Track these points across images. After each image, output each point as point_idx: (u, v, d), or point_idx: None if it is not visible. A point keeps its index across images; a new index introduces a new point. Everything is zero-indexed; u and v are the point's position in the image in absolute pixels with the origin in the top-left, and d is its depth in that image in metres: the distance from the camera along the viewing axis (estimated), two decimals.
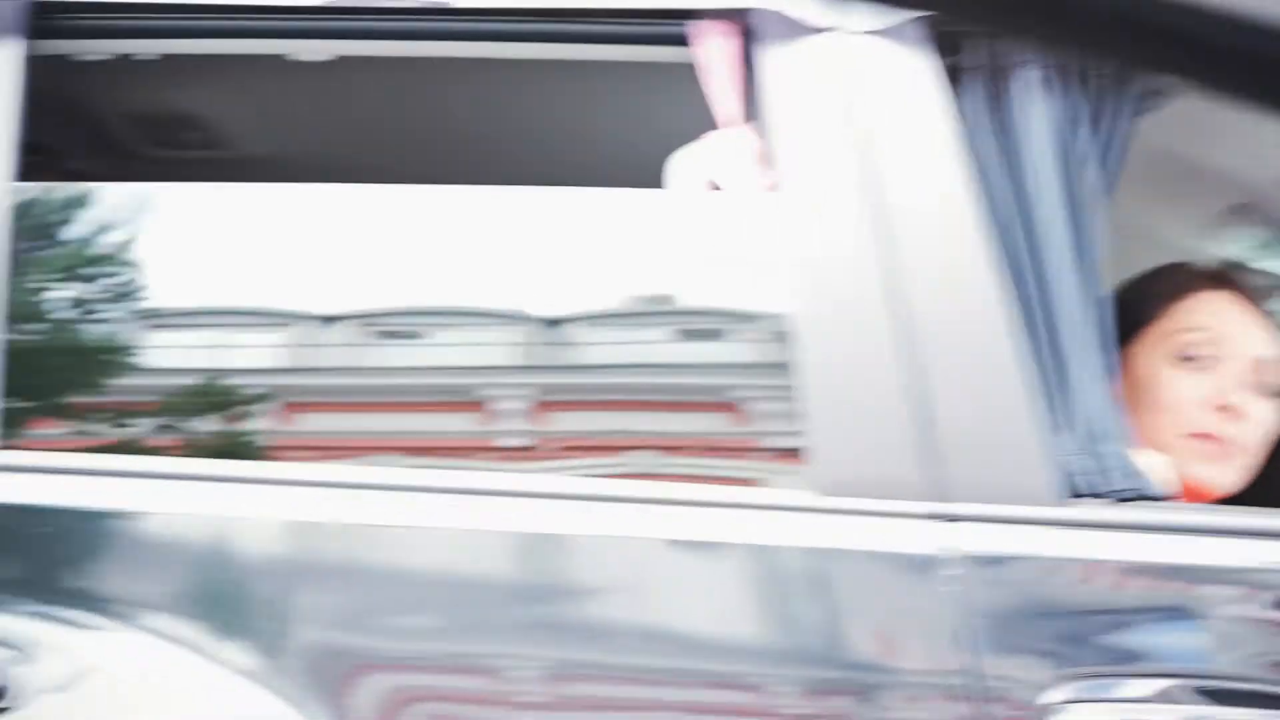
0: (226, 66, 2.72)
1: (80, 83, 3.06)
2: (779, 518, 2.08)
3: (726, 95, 2.32)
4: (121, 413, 2.21)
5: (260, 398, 2.22)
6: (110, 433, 2.18)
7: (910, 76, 2.25)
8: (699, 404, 2.21)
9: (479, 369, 2.25)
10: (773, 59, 2.28)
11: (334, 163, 3.56)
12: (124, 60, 2.55)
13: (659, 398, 2.20)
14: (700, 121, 2.37)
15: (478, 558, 2.05)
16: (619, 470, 2.14)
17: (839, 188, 2.20)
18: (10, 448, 2.13)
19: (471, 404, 2.18)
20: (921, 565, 2.01)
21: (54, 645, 2.02)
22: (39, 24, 2.36)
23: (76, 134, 3.29)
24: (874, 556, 2.05)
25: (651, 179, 3.46)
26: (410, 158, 3.55)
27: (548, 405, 2.19)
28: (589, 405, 2.20)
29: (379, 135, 3.44)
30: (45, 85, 2.36)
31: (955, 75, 2.29)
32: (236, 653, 1.97)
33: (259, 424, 2.18)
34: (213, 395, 2.21)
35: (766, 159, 2.26)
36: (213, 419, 2.16)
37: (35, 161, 2.60)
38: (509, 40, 2.44)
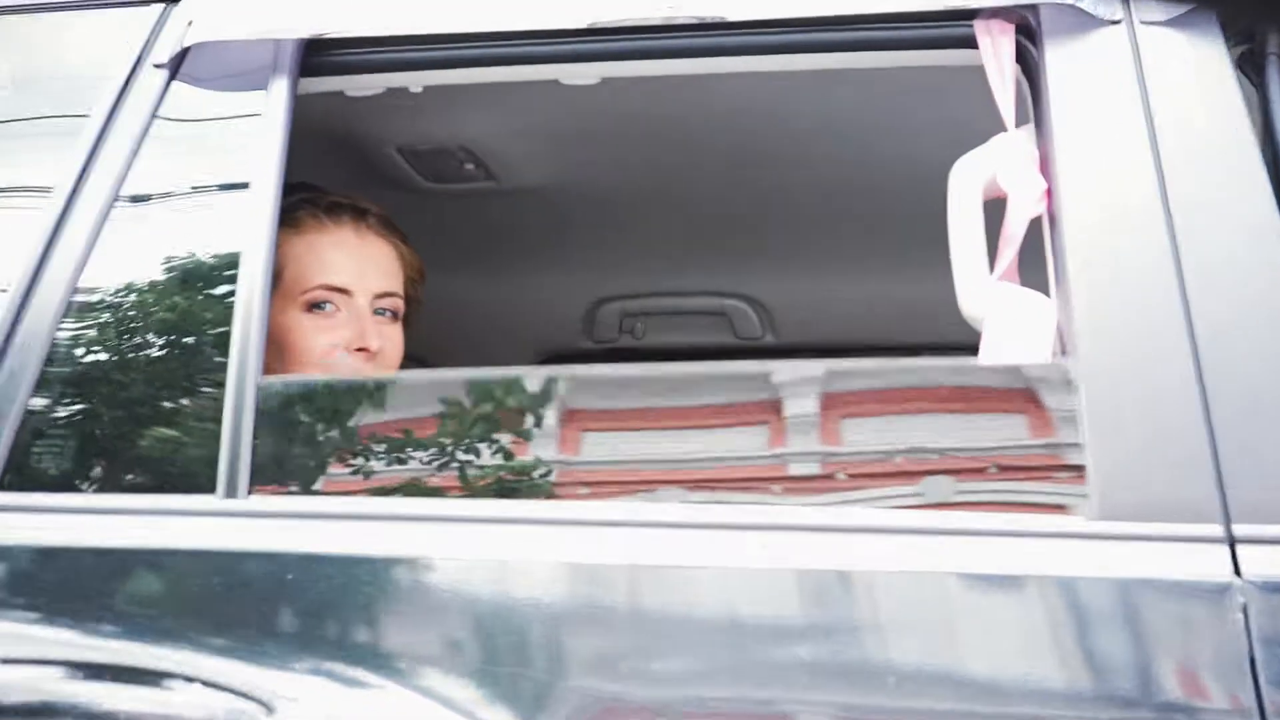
0: (494, 95, 2.78)
1: (351, 117, 3.17)
2: (1060, 545, 2.05)
3: (1010, 96, 2.30)
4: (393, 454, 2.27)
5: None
6: (382, 474, 2.24)
7: (1202, 68, 2.21)
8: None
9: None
10: (1060, 55, 2.25)
11: (607, 189, 3.62)
12: (393, 93, 2.63)
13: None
14: (982, 125, 2.35)
15: (764, 596, 2.05)
16: (906, 498, 2.13)
17: (1131, 189, 2.16)
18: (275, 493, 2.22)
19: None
20: (1213, 593, 1.96)
21: (305, 699, 2.07)
22: (311, 62, 2.45)
23: (350, 168, 3.40)
24: (1162, 584, 2.00)
25: (935, 187, 3.46)
26: (685, 177, 3.59)
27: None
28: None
29: (652, 156, 3.48)
30: (316, 121, 2.46)
31: (1247, 64, 2.24)
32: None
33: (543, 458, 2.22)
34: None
35: (1051, 162, 2.23)
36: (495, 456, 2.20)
37: (304, 198, 2.71)
38: (784, 52, 2.45)
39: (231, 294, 2.30)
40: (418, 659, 2.07)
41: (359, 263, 2.76)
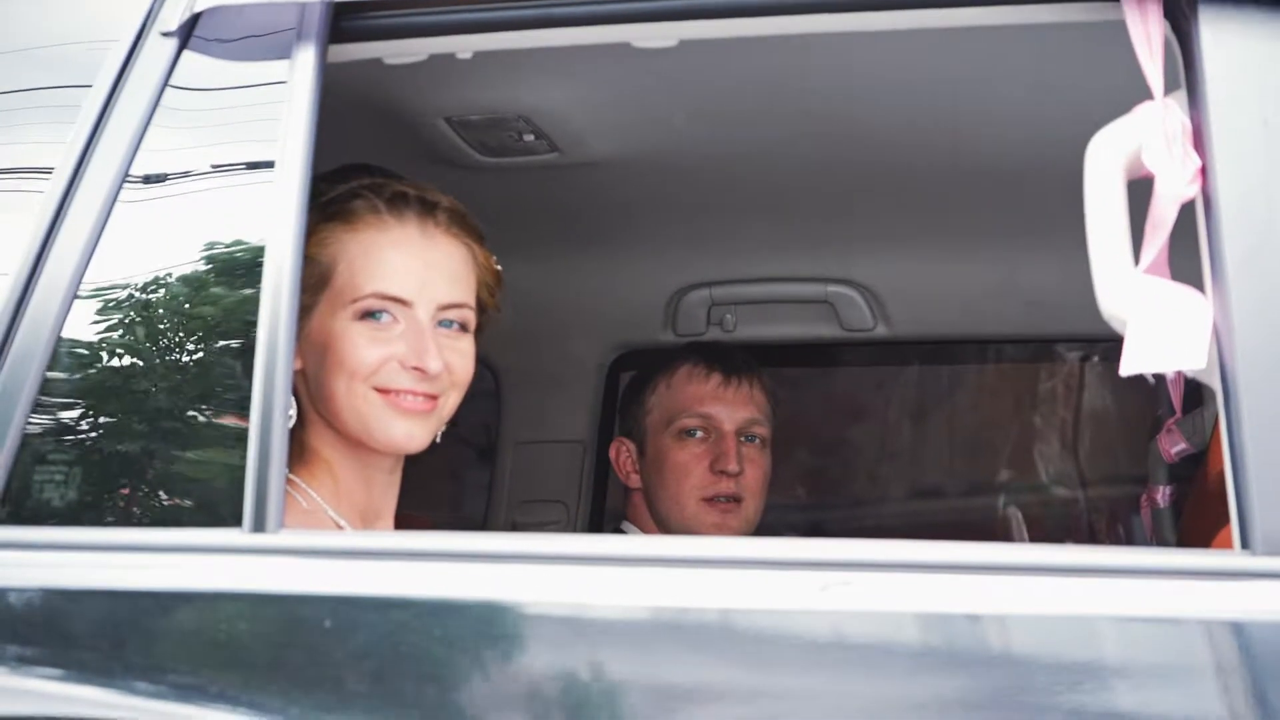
0: (556, 59, 2.75)
1: (391, 86, 3.15)
2: (1219, 585, 2.03)
3: (1158, 58, 2.25)
4: None
5: None
6: None
7: None
8: None
9: None
10: (1218, 10, 2.20)
11: (688, 162, 3.59)
12: (439, 60, 2.60)
13: None
14: (1124, 92, 2.31)
15: None
16: None
17: None
18: None
19: None
20: None
21: None
22: (342, 26, 2.43)
23: (390, 142, 3.38)
24: None
25: (1067, 161, 3.42)
26: (778, 149, 3.55)
27: None
28: None
29: (739, 126, 3.44)
30: (350, 91, 2.43)
31: None
32: None
33: None
34: None
35: (1206, 136, 2.18)
36: None
37: (363, 186, 2.68)
38: (891, 8, 2.41)
39: (255, 297, 2.29)
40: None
41: (423, 269, 2.69)
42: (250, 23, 2.45)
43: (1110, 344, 4.54)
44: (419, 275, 2.66)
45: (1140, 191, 2.27)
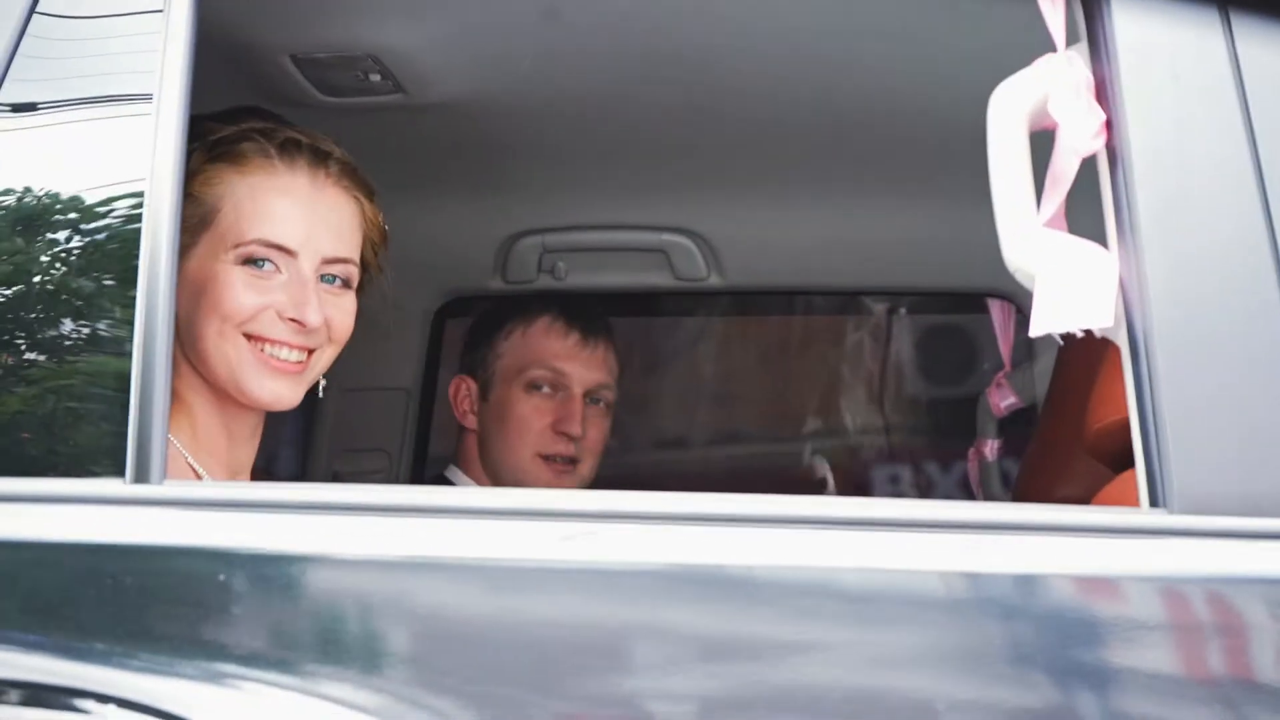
0: None
1: (239, 20, 3.07)
2: (1136, 543, 2.06)
3: (1059, 12, 2.26)
4: None
5: None
6: None
7: None
8: None
9: None
10: None
11: (530, 105, 3.55)
12: None
13: None
14: (984, 41, 2.31)
15: None
16: None
17: (1213, 120, 2.13)
18: None
19: None
20: None
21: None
22: None
23: (227, 77, 3.29)
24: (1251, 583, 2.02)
25: (911, 113, 3.43)
26: (619, 92, 3.52)
27: None
28: None
29: (582, 67, 3.41)
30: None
31: None
32: None
33: None
34: None
35: (1114, 88, 2.19)
36: None
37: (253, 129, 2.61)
38: None
39: (135, 237, 2.21)
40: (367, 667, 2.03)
41: (310, 219, 2.64)
42: None
43: (941, 297, 4.61)
44: (306, 225, 2.61)
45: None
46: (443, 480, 3.88)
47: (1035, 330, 2.17)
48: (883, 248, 4.07)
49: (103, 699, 2.01)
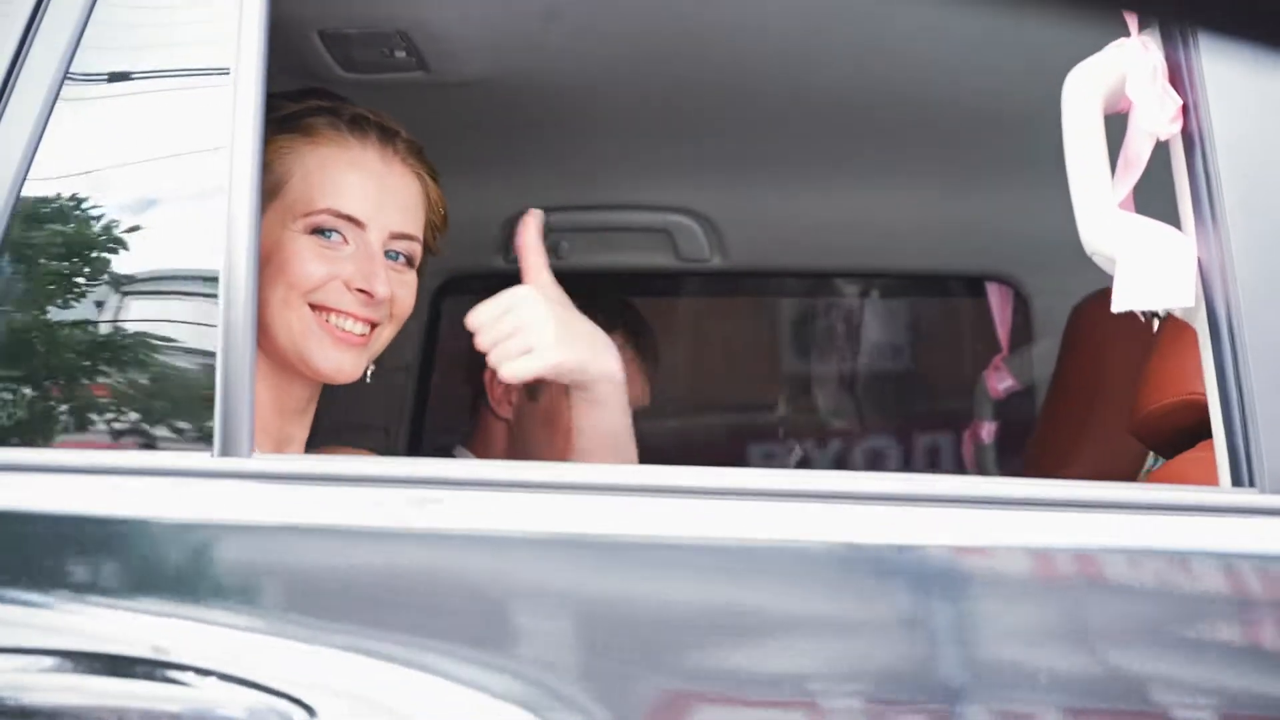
0: None
1: None
2: (1226, 522, 2.10)
3: None
4: None
5: None
6: None
7: None
8: None
9: None
10: None
11: (541, 85, 3.55)
12: None
13: None
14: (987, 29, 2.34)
15: None
16: None
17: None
18: None
19: None
20: None
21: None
22: None
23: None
24: None
25: (919, 94, 3.46)
26: (626, 72, 3.53)
27: None
28: None
29: (591, 48, 3.42)
30: None
31: None
32: None
33: None
34: None
35: (1194, 73, 2.22)
36: None
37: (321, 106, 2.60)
38: None
39: (216, 209, 2.21)
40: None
41: (379, 193, 2.66)
42: None
43: (945, 279, 4.64)
44: (375, 198, 2.63)
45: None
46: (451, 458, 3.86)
47: (1116, 307, 2.20)
48: (885, 231, 4.10)
49: (202, 672, 2.01)
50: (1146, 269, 2.20)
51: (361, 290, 2.58)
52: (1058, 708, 2.01)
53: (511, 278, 3.96)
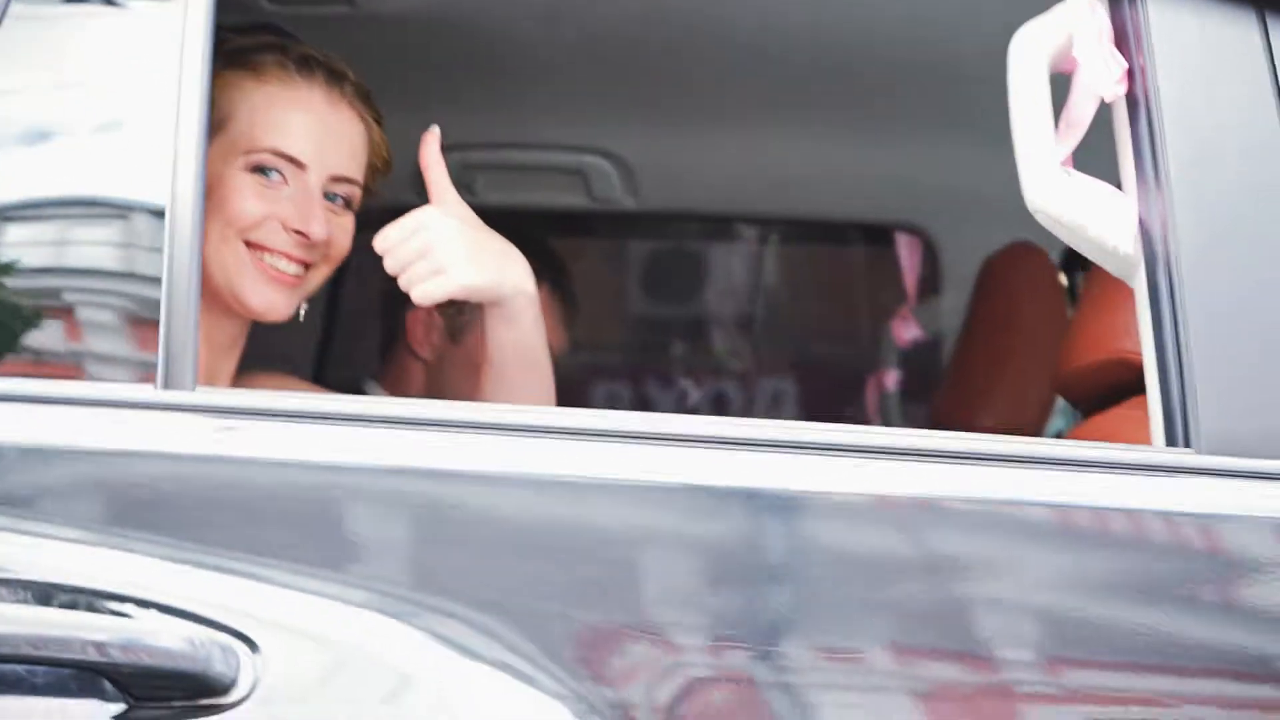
0: None
1: None
2: (1161, 481, 2.12)
3: None
4: None
5: None
6: None
7: None
8: None
9: None
10: None
11: (457, 17, 3.55)
12: None
13: None
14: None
15: None
16: None
17: (1232, 78, 2.20)
18: None
19: None
20: None
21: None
22: None
23: None
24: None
25: (836, 37, 3.48)
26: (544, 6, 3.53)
27: None
28: None
29: None
30: None
31: None
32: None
33: None
34: None
35: (1128, 40, 2.25)
36: None
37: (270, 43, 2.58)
38: None
39: (162, 139, 2.19)
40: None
41: (323, 134, 2.65)
42: None
43: (854, 228, 4.68)
44: (318, 140, 2.63)
45: None
46: (362, 394, 3.84)
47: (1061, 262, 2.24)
48: (796, 178, 4.12)
49: (142, 604, 2.00)
50: (1088, 228, 2.23)
51: (298, 231, 2.58)
52: (979, 667, 2.04)
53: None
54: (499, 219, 3.90)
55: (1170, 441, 2.14)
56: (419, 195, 4.12)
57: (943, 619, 2.04)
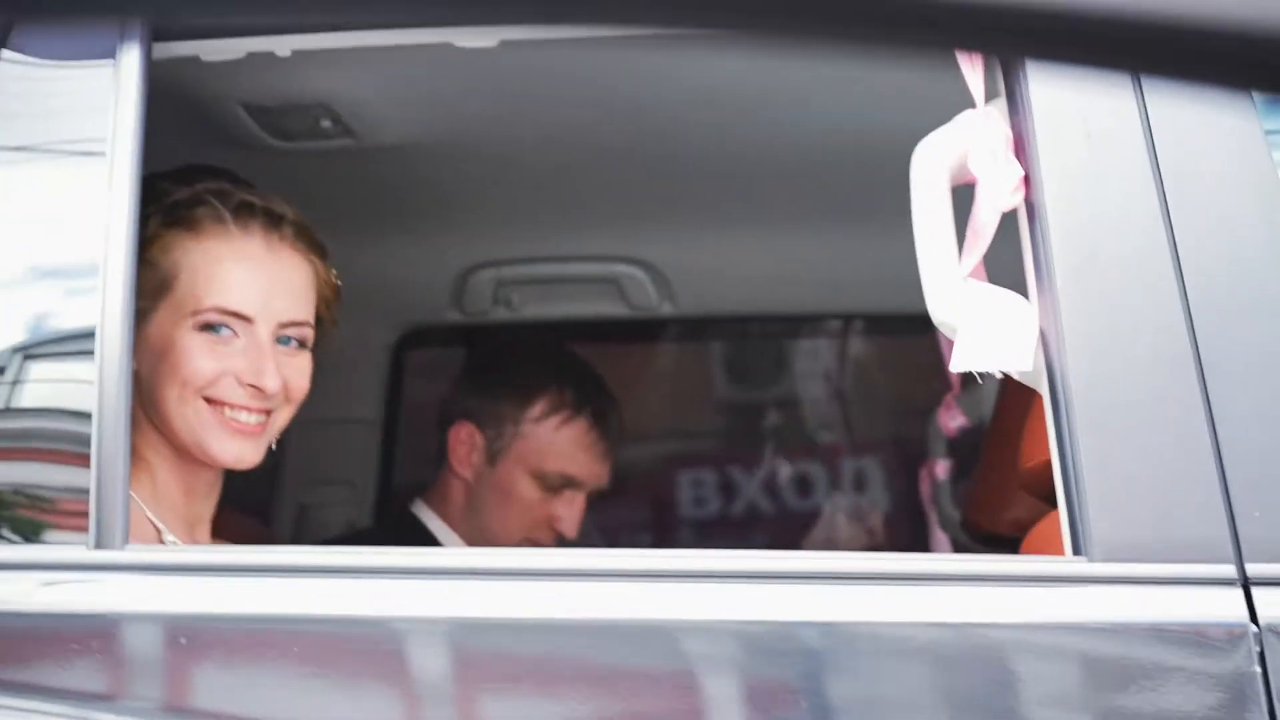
0: (374, 57, 2.79)
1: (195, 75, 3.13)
2: (1058, 590, 2.14)
3: (978, 69, 2.34)
4: None
5: None
6: None
7: None
8: None
9: None
10: None
11: (476, 145, 3.63)
12: (255, 57, 2.62)
13: None
14: (948, 102, 2.39)
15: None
16: None
17: (1128, 178, 2.22)
18: None
19: None
20: (1226, 640, 2.05)
21: None
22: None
23: (182, 125, 3.36)
24: (1169, 631, 2.09)
25: (851, 145, 3.52)
26: (568, 128, 3.60)
27: None
28: None
29: (531, 110, 3.49)
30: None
31: None
32: None
33: None
34: None
35: (1030, 144, 2.27)
36: None
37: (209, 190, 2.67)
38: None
39: (92, 297, 2.27)
40: None
41: (266, 284, 2.70)
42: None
43: (894, 320, 4.69)
44: (262, 291, 2.68)
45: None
46: (409, 516, 3.92)
47: (955, 367, 2.26)
48: (830, 274, 4.15)
49: None
50: (988, 333, 2.26)
51: (252, 385, 2.65)
52: None
53: (465, 330, 4.08)
54: (545, 336, 4.03)
55: (1075, 550, 2.15)
56: (462, 313, 4.26)
57: None
